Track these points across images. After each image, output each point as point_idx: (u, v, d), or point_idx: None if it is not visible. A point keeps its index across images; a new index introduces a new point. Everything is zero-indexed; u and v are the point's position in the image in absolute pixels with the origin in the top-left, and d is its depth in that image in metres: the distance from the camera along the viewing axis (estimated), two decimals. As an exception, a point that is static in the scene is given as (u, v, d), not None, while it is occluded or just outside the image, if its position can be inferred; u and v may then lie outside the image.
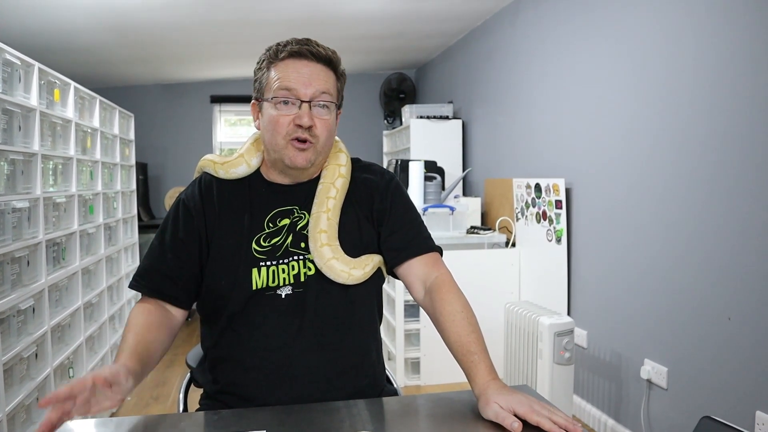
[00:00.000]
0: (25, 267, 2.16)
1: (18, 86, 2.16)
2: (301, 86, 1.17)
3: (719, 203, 2.03)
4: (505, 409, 0.99)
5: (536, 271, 3.26)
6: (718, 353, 2.04)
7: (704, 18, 2.08)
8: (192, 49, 4.49)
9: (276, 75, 1.19)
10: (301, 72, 1.18)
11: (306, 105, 1.17)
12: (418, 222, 1.33)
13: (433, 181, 3.74)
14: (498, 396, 1.02)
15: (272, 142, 1.20)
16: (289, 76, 1.17)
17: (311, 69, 1.18)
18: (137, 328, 1.15)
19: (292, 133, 1.18)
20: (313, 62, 1.19)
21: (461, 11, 3.85)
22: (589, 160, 2.79)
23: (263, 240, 1.22)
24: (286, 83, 1.17)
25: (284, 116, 1.18)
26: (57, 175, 2.54)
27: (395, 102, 5.70)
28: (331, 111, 1.21)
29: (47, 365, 2.29)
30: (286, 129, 1.18)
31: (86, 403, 0.91)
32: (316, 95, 1.18)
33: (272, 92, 1.18)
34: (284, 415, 1.07)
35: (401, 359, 3.35)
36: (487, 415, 1.02)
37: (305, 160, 1.20)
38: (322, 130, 1.20)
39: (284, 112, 1.18)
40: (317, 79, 1.18)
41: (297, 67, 1.18)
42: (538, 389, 2.48)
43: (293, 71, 1.18)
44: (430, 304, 1.23)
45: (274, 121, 1.18)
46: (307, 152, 1.20)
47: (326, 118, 1.20)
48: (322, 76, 1.19)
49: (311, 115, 1.17)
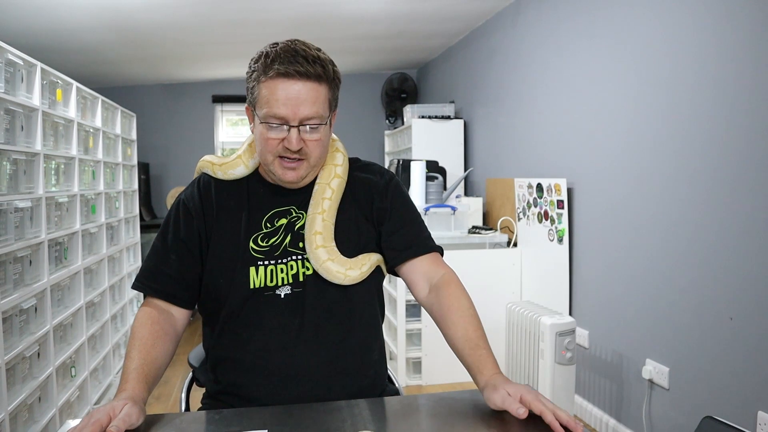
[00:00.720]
0: (27, 266, 2.16)
1: (20, 86, 2.16)
2: (289, 112, 1.14)
3: (721, 203, 2.03)
4: (512, 396, 1.01)
5: (538, 271, 3.26)
6: (719, 353, 2.04)
7: (705, 18, 2.08)
8: (194, 48, 4.49)
9: (265, 95, 1.15)
10: (289, 94, 1.13)
11: (294, 130, 1.15)
12: (419, 221, 1.33)
13: (435, 180, 3.74)
14: (506, 384, 1.04)
15: (262, 156, 1.21)
16: (278, 101, 1.13)
17: (300, 89, 1.14)
18: (142, 342, 1.15)
19: (282, 152, 1.18)
20: (302, 81, 1.14)
21: (462, 11, 3.85)
22: (591, 160, 2.79)
23: (261, 239, 1.22)
24: (274, 110, 1.14)
25: (273, 139, 1.16)
26: (59, 175, 2.54)
27: (397, 102, 5.70)
28: (320, 130, 1.19)
29: (49, 364, 2.30)
30: (275, 149, 1.17)
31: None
32: (305, 120, 1.15)
33: (262, 113, 1.16)
34: (285, 414, 1.07)
35: (403, 359, 3.35)
36: (494, 402, 1.03)
37: (296, 176, 1.20)
38: (314, 148, 1.19)
39: (273, 135, 1.16)
40: (305, 103, 1.14)
41: (285, 86, 1.13)
42: (540, 389, 2.48)
43: (282, 93, 1.13)
44: (435, 300, 1.23)
45: (264, 140, 1.18)
46: (298, 170, 1.20)
47: (317, 137, 1.18)
48: (312, 97, 1.15)
49: (300, 138, 1.16)
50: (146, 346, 1.14)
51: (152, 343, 1.15)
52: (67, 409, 2.46)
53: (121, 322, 3.46)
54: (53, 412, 2.29)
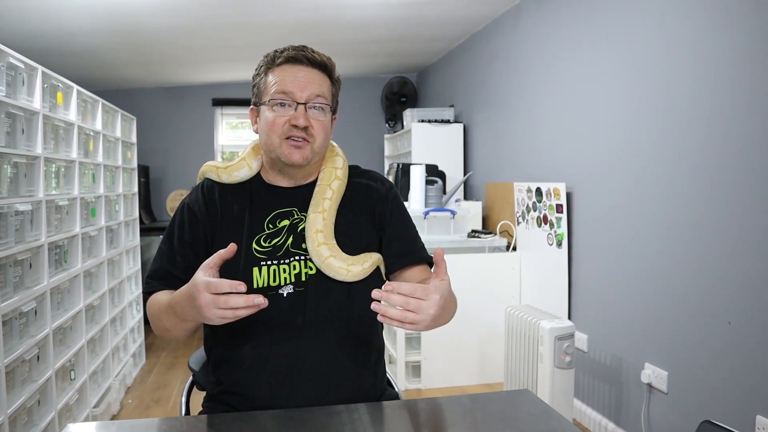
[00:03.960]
0: (27, 269, 2.17)
1: (21, 89, 2.17)
2: (297, 89, 1.22)
3: (719, 207, 2.03)
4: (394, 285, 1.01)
5: (537, 275, 3.26)
6: (718, 357, 2.04)
7: (705, 23, 2.09)
8: (194, 52, 4.50)
9: (273, 79, 1.24)
10: (297, 76, 1.23)
11: (302, 107, 1.22)
12: (414, 231, 1.38)
13: (435, 184, 3.74)
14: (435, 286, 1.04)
15: (268, 141, 1.25)
16: (285, 80, 1.22)
17: (307, 73, 1.23)
18: (166, 295, 1.18)
19: (288, 132, 1.22)
20: (309, 67, 1.24)
21: (462, 15, 3.86)
22: (590, 164, 2.80)
23: (263, 240, 1.25)
24: (282, 87, 1.22)
25: (280, 117, 1.22)
26: (59, 178, 2.55)
27: (396, 106, 5.71)
28: (326, 113, 1.26)
29: (49, 367, 2.30)
30: (281, 129, 1.22)
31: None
32: (312, 98, 1.23)
33: (269, 95, 1.23)
34: (285, 418, 1.07)
35: (402, 362, 3.36)
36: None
37: (301, 157, 1.23)
38: (319, 130, 1.24)
39: (280, 113, 1.22)
40: (313, 83, 1.23)
41: (293, 71, 1.23)
42: (539, 393, 2.49)
43: (290, 75, 1.23)
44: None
45: (271, 122, 1.23)
46: (303, 150, 1.23)
47: (321, 119, 1.25)
48: (318, 80, 1.24)
49: (307, 116, 1.22)
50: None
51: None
52: (66, 413, 2.46)
53: (121, 326, 3.46)
54: (52, 415, 2.29)
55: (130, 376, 3.52)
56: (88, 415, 2.73)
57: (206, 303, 0.99)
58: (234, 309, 0.99)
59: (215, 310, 0.99)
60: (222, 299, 0.98)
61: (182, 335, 1.18)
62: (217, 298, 0.98)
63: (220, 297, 0.98)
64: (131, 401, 3.24)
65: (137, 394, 3.34)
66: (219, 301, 0.98)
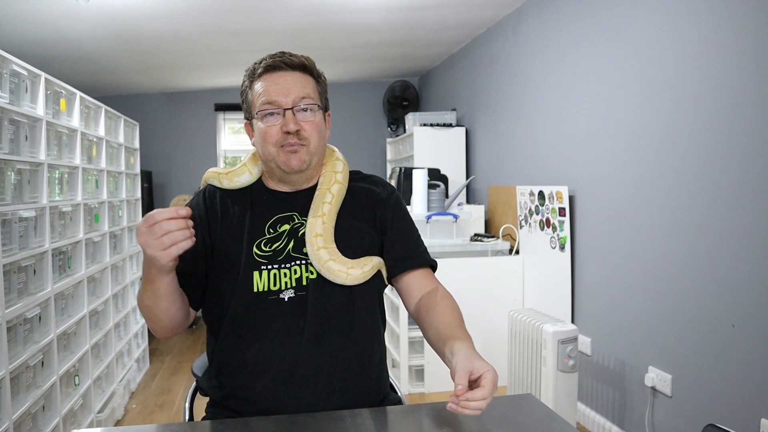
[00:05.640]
0: (31, 276, 2.18)
1: (25, 97, 2.18)
2: (281, 96, 1.23)
3: (722, 210, 2.03)
4: (469, 371, 1.02)
5: (540, 279, 3.26)
6: (722, 360, 2.04)
7: (708, 26, 2.09)
8: (196, 57, 4.52)
9: (258, 91, 1.25)
10: (278, 83, 1.24)
11: (289, 112, 1.23)
12: (416, 235, 1.38)
13: (437, 188, 3.75)
14: (477, 360, 1.04)
15: (265, 152, 1.26)
16: (269, 89, 1.24)
17: (288, 78, 1.24)
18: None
19: (282, 141, 1.23)
20: (289, 71, 1.25)
21: (464, 19, 3.87)
22: (593, 167, 2.80)
23: (264, 245, 1.25)
24: (267, 96, 1.23)
25: (271, 126, 1.23)
26: (63, 185, 2.56)
27: (399, 109, 5.72)
28: (315, 113, 1.26)
29: (53, 373, 2.30)
30: (275, 138, 1.23)
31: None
32: (297, 101, 1.23)
33: (257, 107, 1.25)
34: (288, 424, 1.07)
35: (405, 366, 3.35)
36: (454, 364, 1.05)
37: (299, 161, 1.24)
38: (311, 131, 1.25)
39: (271, 122, 1.23)
40: (295, 86, 1.24)
41: (274, 79, 1.24)
42: (542, 397, 2.48)
43: (272, 83, 1.24)
44: (425, 301, 1.28)
45: (263, 133, 1.24)
46: (300, 153, 1.24)
47: (312, 119, 1.25)
48: (300, 82, 1.25)
49: (296, 120, 1.23)
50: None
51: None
52: (70, 418, 2.47)
53: (125, 331, 3.47)
54: (57, 420, 2.30)
55: (134, 382, 3.52)
56: (93, 421, 2.73)
57: (144, 238, 1.02)
58: (168, 233, 1.01)
59: (153, 241, 1.01)
60: (156, 225, 1.01)
61: (162, 311, 1.17)
62: (151, 227, 1.01)
63: (153, 225, 1.01)
64: (135, 406, 3.24)
65: (141, 399, 3.35)
66: (153, 229, 1.01)
